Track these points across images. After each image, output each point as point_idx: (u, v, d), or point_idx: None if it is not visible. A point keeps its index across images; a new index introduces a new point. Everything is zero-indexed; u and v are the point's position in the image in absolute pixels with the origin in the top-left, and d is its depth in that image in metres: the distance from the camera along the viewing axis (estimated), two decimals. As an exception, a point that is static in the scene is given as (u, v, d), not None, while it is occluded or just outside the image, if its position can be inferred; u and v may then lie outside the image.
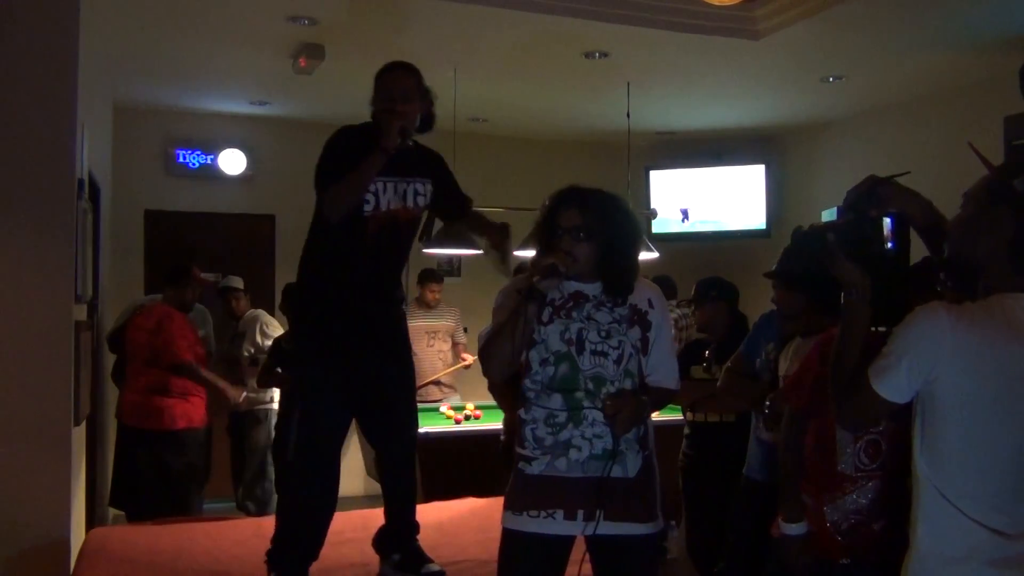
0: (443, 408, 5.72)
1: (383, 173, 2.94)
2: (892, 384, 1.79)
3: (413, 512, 3.19)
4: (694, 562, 4.01)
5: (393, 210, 2.97)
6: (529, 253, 5.30)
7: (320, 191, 2.92)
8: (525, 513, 2.33)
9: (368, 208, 2.93)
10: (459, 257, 7.25)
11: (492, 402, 5.87)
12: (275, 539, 3.03)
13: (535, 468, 2.33)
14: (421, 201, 3.06)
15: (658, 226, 7.32)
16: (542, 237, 2.38)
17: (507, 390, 2.76)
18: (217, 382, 5.07)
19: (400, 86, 2.94)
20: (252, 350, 5.73)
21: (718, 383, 3.60)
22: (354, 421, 3.25)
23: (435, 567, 3.07)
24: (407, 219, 3.05)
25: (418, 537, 3.16)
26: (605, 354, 2.32)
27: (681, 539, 4.31)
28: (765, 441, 3.26)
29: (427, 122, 3.08)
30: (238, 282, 6.04)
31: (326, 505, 3.06)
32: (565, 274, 2.30)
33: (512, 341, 2.31)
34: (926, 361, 1.76)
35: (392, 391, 3.11)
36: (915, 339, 1.78)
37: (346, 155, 2.85)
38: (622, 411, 2.25)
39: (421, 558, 3.10)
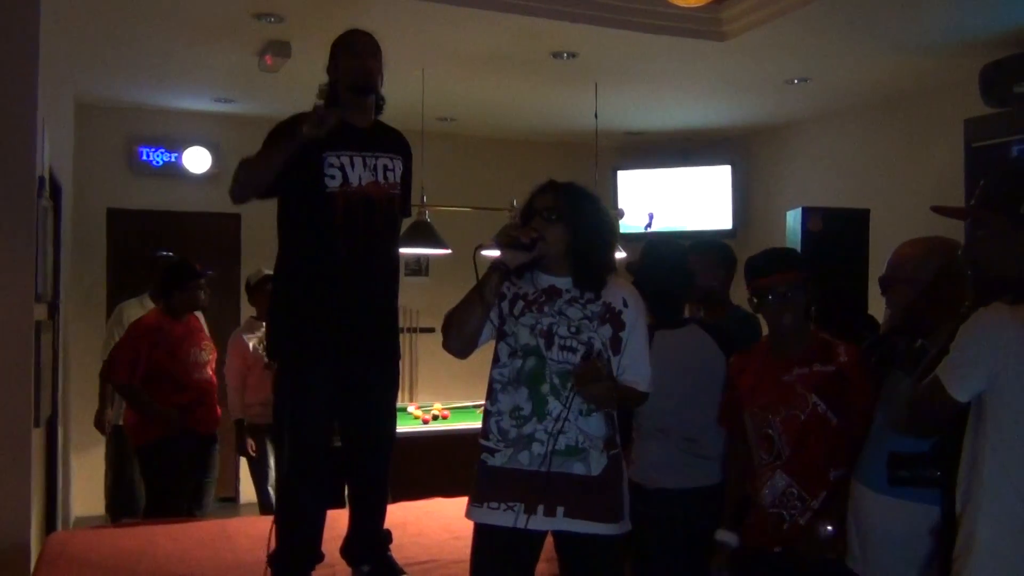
0: (411, 408, 5.70)
1: (350, 147, 2.83)
2: (964, 385, 1.84)
3: (383, 519, 3.09)
4: None
5: (364, 187, 2.82)
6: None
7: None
8: (486, 505, 2.34)
9: (334, 184, 2.79)
10: (427, 256, 7.22)
11: (460, 403, 5.88)
12: (278, 546, 2.90)
13: (498, 460, 2.35)
14: (392, 176, 2.90)
15: (625, 227, 7.34)
16: (522, 221, 2.43)
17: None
18: (155, 410, 4.45)
19: (362, 41, 2.95)
20: None
21: None
22: None
23: None
24: (381, 196, 2.88)
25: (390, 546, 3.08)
26: (574, 350, 2.33)
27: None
28: None
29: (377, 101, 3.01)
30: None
31: (321, 508, 2.98)
32: (529, 246, 2.31)
33: (471, 313, 2.33)
34: (993, 359, 1.80)
35: (375, 392, 3.00)
36: (979, 338, 1.82)
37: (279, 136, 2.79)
38: (590, 374, 2.26)
39: (393, 570, 3.01)
